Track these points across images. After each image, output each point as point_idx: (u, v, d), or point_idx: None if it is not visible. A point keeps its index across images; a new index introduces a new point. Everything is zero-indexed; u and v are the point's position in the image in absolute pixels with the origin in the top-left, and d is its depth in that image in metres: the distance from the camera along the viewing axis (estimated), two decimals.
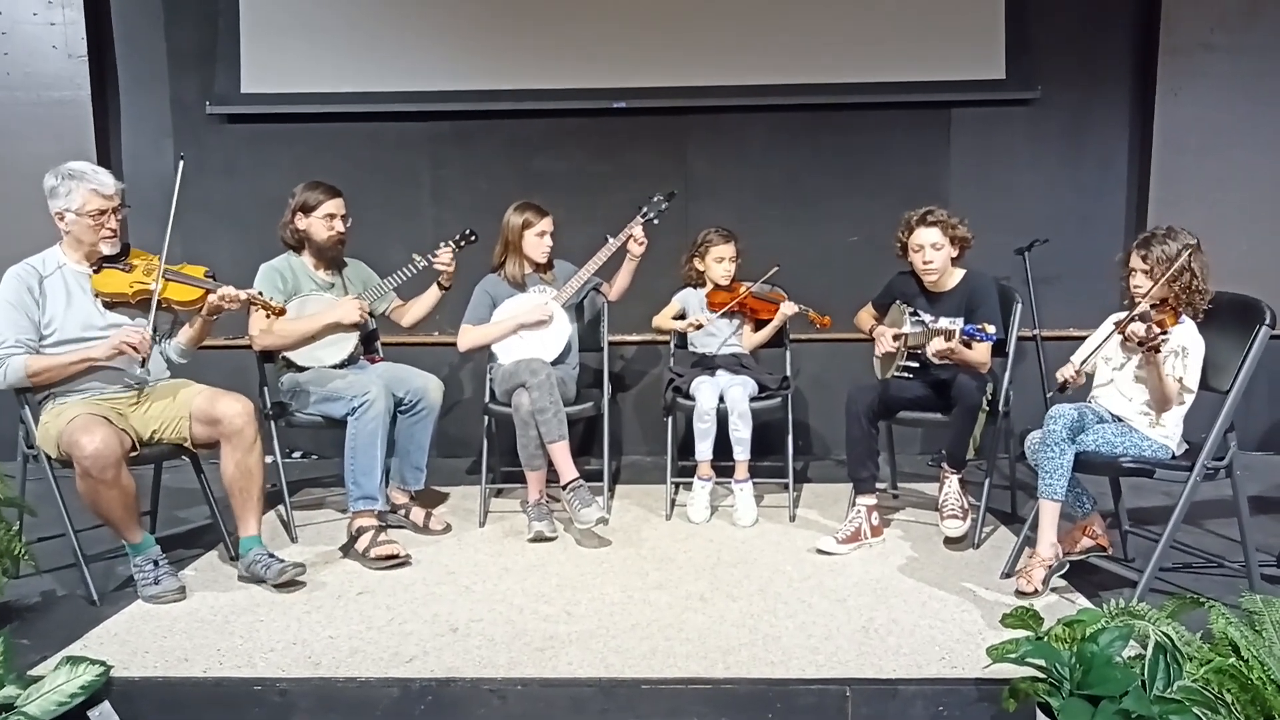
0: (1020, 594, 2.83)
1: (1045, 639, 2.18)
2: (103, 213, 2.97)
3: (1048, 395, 3.11)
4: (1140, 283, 2.86)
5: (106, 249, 3.01)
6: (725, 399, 3.64)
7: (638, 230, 3.73)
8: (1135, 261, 2.87)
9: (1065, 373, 2.89)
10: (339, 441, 3.39)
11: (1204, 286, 2.82)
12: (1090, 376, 3.05)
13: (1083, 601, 2.80)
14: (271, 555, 3.03)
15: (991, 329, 3.06)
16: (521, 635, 2.64)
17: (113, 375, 3.02)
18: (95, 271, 3.01)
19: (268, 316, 3.22)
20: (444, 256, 3.67)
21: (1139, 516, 3.46)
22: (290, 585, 2.99)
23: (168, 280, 3.01)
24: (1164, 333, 2.64)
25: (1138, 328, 2.67)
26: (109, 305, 3.01)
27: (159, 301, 3.00)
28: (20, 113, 4.74)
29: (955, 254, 3.41)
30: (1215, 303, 2.87)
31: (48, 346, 2.93)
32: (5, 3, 4.72)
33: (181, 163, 3.02)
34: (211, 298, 3.01)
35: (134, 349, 2.82)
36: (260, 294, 3.16)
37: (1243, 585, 2.82)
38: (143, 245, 3.13)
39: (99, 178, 2.99)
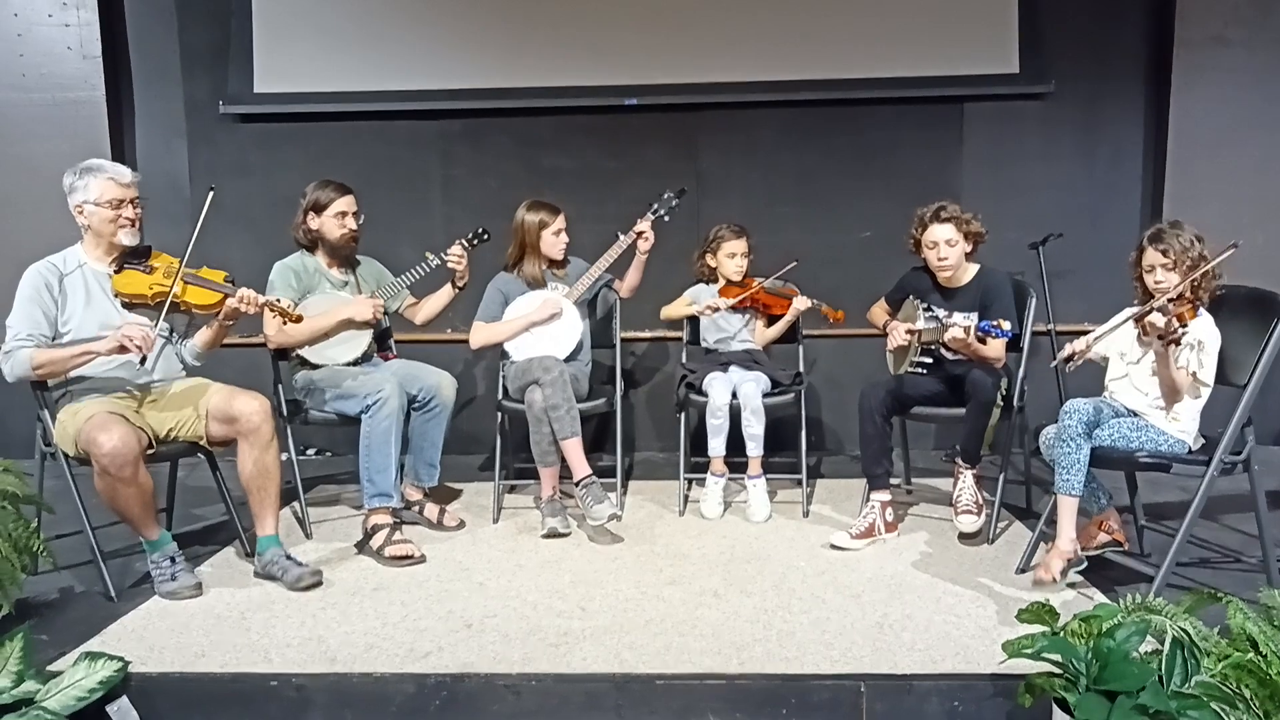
0: (1038, 583, 2.82)
1: (1061, 634, 2.17)
2: (121, 202, 2.99)
3: (1053, 365, 3.10)
4: (1162, 277, 2.83)
5: (125, 239, 3.02)
6: (738, 395, 3.64)
7: (645, 226, 3.73)
8: (1154, 257, 2.84)
9: (1076, 346, 2.87)
10: (353, 439, 3.40)
11: (1218, 273, 2.81)
12: (1103, 367, 3.03)
13: (1099, 597, 2.79)
14: (290, 558, 3.04)
15: (1007, 325, 3.05)
16: (536, 631, 2.64)
17: (122, 377, 3.03)
18: (116, 272, 3.03)
19: (285, 324, 3.23)
20: (455, 254, 3.67)
21: (1155, 511, 3.44)
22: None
23: (187, 284, 3.03)
24: (1184, 326, 2.62)
25: (1157, 319, 2.64)
26: (128, 306, 3.03)
27: (177, 304, 3.01)
28: (36, 113, 4.77)
29: (969, 250, 3.40)
30: (1231, 296, 2.85)
31: (64, 344, 2.94)
32: (21, 4, 4.75)
33: (211, 193, 3.02)
34: (230, 302, 3.03)
35: (136, 346, 2.80)
36: (278, 300, 3.17)
37: (1260, 580, 2.80)
38: (154, 244, 3.14)
39: (115, 169, 3.02)
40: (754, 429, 3.61)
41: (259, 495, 3.06)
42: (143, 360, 2.86)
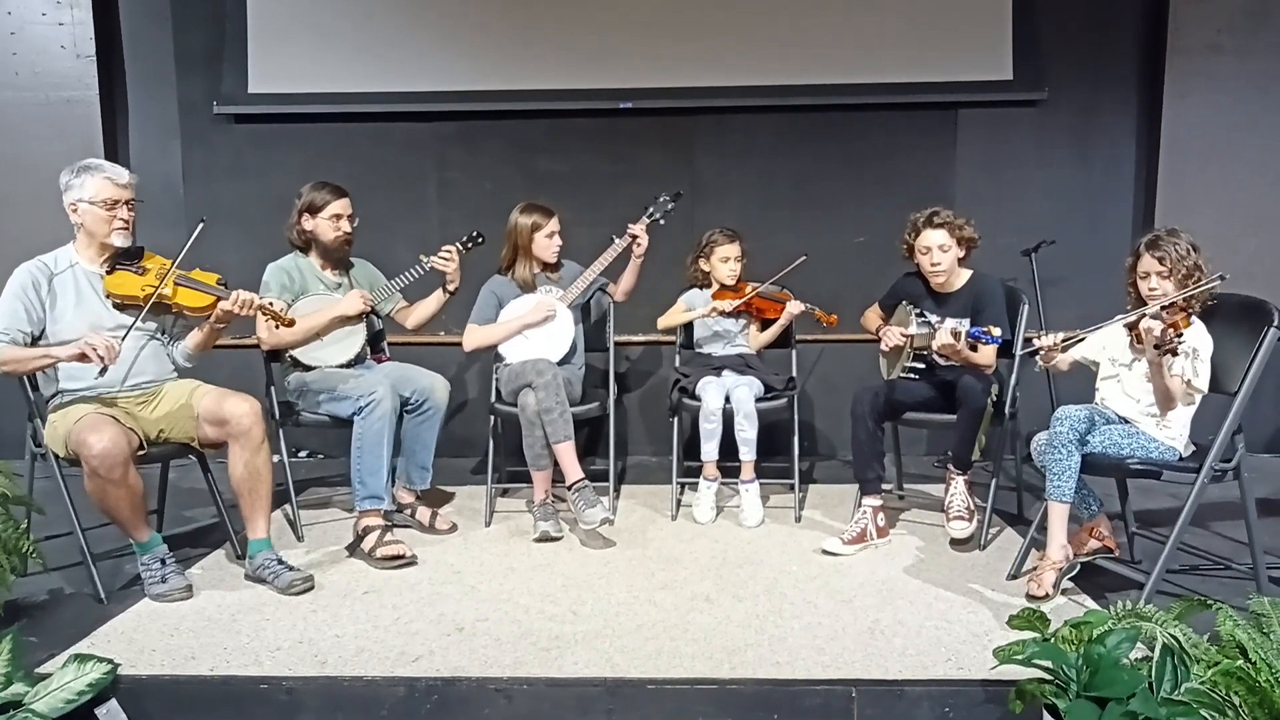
0: (1032, 598, 2.81)
1: (1052, 640, 2.18)
2: (116, 203, 2.98)
3: (1015, 354, 3.09)
4: (1157, 285, 2.84)
5: (118, 241, 3.01)
6: (731, 399, 3.64)
7: (640, 230, 3.74)
8: (1150, 264, 2.84)
9: (1044, 341, 2.87)
10: (345, 441, 3.39)
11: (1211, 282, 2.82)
12: (1094, 374, 3.04)
13: (1090, 603, 2.80)
14: (281, 563, 3.03)
15: (997, 331, 3.07)
16: (527, 635, 2.64)
17: (112, 375, 3.01)
18: (108, 273, 3.01)
19: (276, 327, 3.23)
20: (445, 255, 3.66)
21: (1146, 518, 3.45)
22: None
23: (179, 286, 3.02)
24: (1179, 335, 2.63)
25: (1153, 328, 2.64)
26: (120, 307, 3.01)
27: (168, 305, 3.01)
28: (29, 112, 4.75)
29: (962, 255, 3.41)
30: (1223, 304, 2.86)
31: (53, 344, 2.92)
32: (14, 3, 4.74)
33: (201, 225, 3.02)
34: (223, 304, 3.02)
35: (99, 356, 2.76)
36: (270, 303, 3.16)
37: (1250, 587, 2.80)
38: (147, 245, 3.14)
39: (113, 169, 3.01)
40: (747, 433, 3.62)
41: (250, 498, 3.05)
42: (102, 371, 2.83)
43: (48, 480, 3.01)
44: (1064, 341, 2.91)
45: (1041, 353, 2.90)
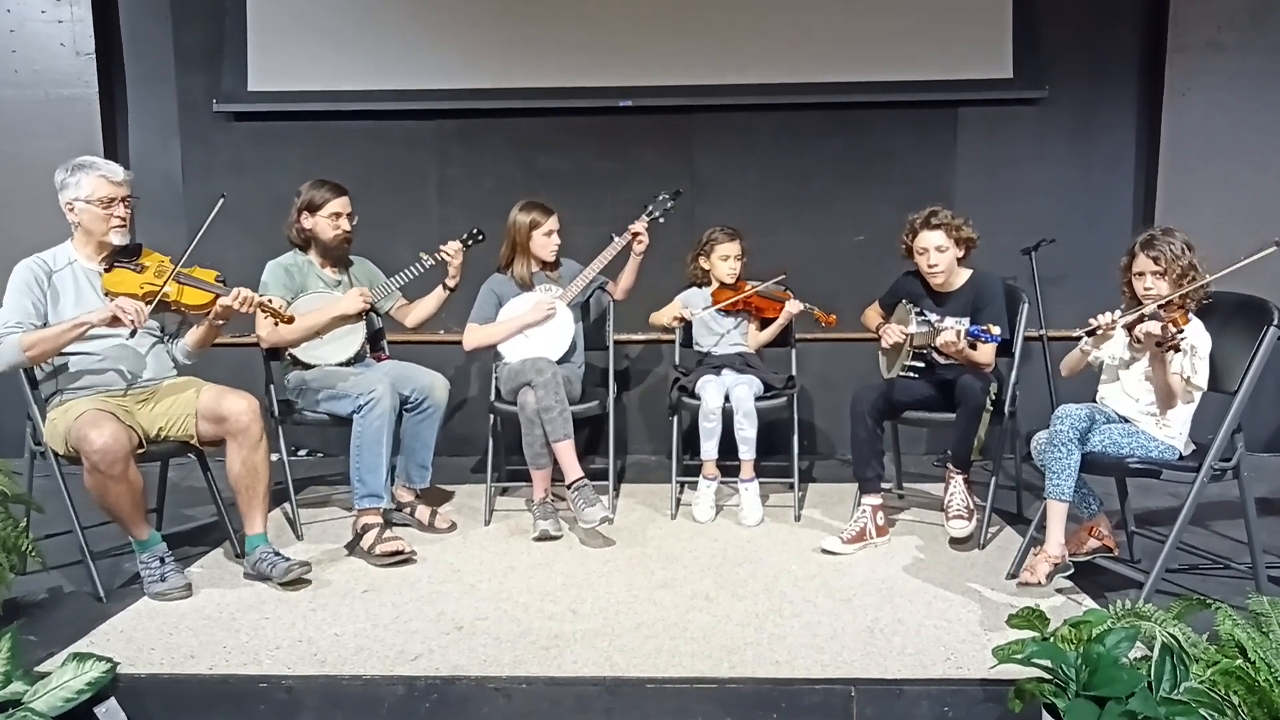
0: (1023, 584, 2.83)
1: (1051, 640, 2.18)
2: (112, 200, 2.98)
3: (1078, 332, 3.04)
4: (1152, 284, 2.84)
5: (116, 239, 3.01)
6: (731, 398, 3.64)
7: (641, 228, 3.73)
8: (1145, 264, 2.85)
9: (1102, 319, 2.84)
10: (345, 439, 3.40)
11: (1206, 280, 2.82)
12: (1096, 373, 3.04)
13: (1089, 602, 2.80)
14: (277, 554, 3.03)
15: (997, 330, 3.06)
16: (527, 634, 2.64)
17: (113, 369, 3.02)
18: (106, 270, 3.01)
19: (276, 325, 3.22)
20: (449, 251, 3.66)
21: (1145, 518, 3.45)
22: (296, 584, 2.99)
23: (179, 284, 3.02)
24: (1180, 331, 2.63)
25: (1153, 328, 2.64)
26: None
27: (168, 303, 3.00)
28: (28, 110, 4.75)
29: (961, 254, 3.40)
30: (1221, 303, 2.86)
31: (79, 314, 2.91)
32: (13, 0, 4.73)
33: (221, 200, 3.02)
34: (224, 301, 3.01)
35: (130, 320, 2.78)
36: (269, 300, 3.15)
37: (1249, 587, 2.80)
38: (147, 243, 3.13)
39: (108, 166, 3.01)
40: (746, 432, 3.61)
41: (247, 495, 3.05)
42: (133, 333, 2.85)
43: (47, 479, 3.01)
44: (1121, 319, 2.87)
45: (1100, 331, 2.88)
